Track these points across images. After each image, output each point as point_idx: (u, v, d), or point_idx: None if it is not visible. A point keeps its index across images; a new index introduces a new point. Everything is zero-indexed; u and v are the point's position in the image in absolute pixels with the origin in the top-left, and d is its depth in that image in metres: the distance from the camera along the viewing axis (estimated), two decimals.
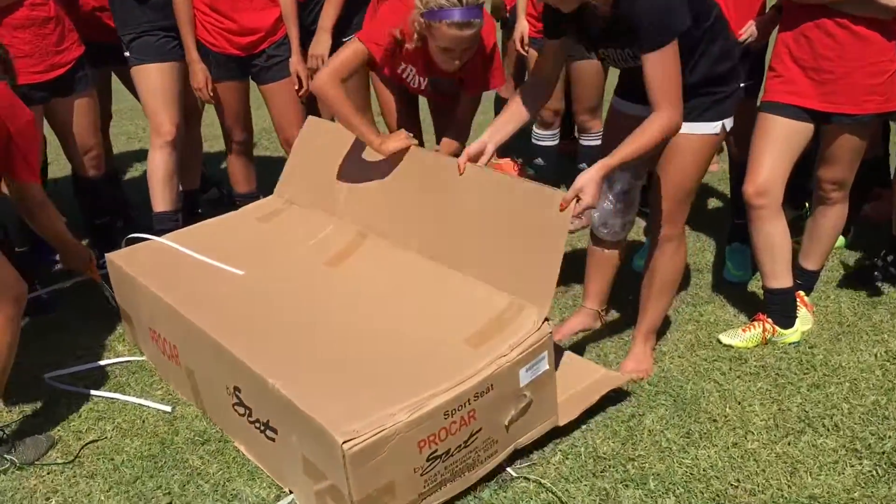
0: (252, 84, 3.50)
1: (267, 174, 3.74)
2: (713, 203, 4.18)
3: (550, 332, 2.25)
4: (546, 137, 4.07)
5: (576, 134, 4.24)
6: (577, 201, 2.24)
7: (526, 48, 3.73)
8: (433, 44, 2.61)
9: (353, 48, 2.67)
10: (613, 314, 3.08)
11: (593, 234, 2.83)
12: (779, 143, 2.78)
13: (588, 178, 2.24)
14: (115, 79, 3.82)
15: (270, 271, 2.76)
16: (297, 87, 3.39)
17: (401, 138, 2.72)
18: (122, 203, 4.01)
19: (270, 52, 3.37)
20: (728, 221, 3.56)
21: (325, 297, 2.59)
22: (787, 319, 2.89)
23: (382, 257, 2.70)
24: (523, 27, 3.70)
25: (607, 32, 2.37)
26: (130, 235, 2.99)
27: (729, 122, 2.55)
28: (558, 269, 2.24)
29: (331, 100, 2.64)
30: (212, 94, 3.34)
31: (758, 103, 2.96)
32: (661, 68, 2.23)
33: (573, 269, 3.09)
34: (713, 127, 2.50)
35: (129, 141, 5.68)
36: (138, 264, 2.85)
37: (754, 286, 3.27)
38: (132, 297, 2.88)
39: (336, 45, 3.29)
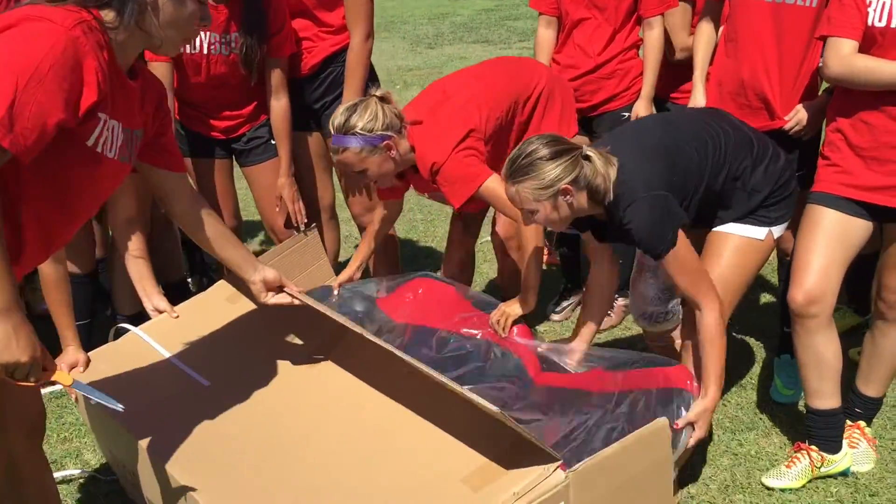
0: None
1: None
2: (765, 299, 3.61)
3: (567, 482, 1.82)
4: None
5: None
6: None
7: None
8: None
9: None
10: None
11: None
12: (831, 241, 2.37)
13: (701, 411, 2.20)
14: None
15: (239, 374, 2.38)
16: (277, 208, 3.13)
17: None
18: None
19: (251, 135, 3.11)
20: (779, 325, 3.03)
21: (299, 412, 2.22)
22: (833, 444, 2.45)
23: (370, 357, 2.28)
24: None
25: (618, 237, 2.33)
26: (118, 326, 2.65)
27: (779, 230, 2.35)
28: None
29: None
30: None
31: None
32: (676, 268, 2.22)
33: None
34: (757, 231, 2.32)
35: None
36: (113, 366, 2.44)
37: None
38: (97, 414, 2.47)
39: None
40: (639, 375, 2.28)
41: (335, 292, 2.80)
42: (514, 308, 2.51)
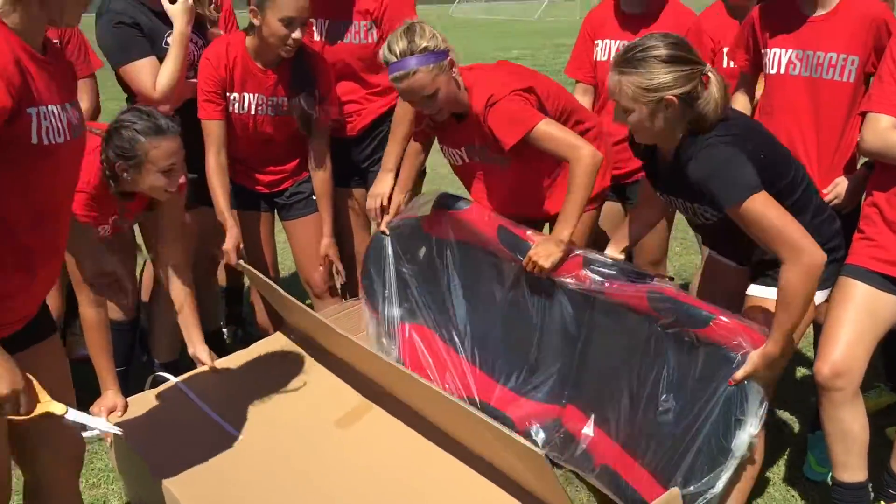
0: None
1: None
2: (801, 372, 3.52)
3: None
4: None
5: None
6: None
7: None
8: None
9: None
10: None
11: None
12: (860, 315, 2.35)
13: (752, 366, 2.09)
14: None
15: (274, 429, 2.42)
16: (321, 265, 3.17)
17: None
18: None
19: (293, 190, 3.19)
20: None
21: (329, 471, 2.25)
22: None
23: (395, 425, 2.38)
24: None
25: (671, 182, 2.25)
26: (156, 374, 2.71)
27: (822, 296, 2.29)
28: None
29: None
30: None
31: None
32: (756, 220, 2.02)
33: None
34: None
35: None
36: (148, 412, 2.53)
37: None
38: (128, 459, 2.52)
39: None
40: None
41: (387, 234, 2.90)
42: (546, 260, 2.45)
